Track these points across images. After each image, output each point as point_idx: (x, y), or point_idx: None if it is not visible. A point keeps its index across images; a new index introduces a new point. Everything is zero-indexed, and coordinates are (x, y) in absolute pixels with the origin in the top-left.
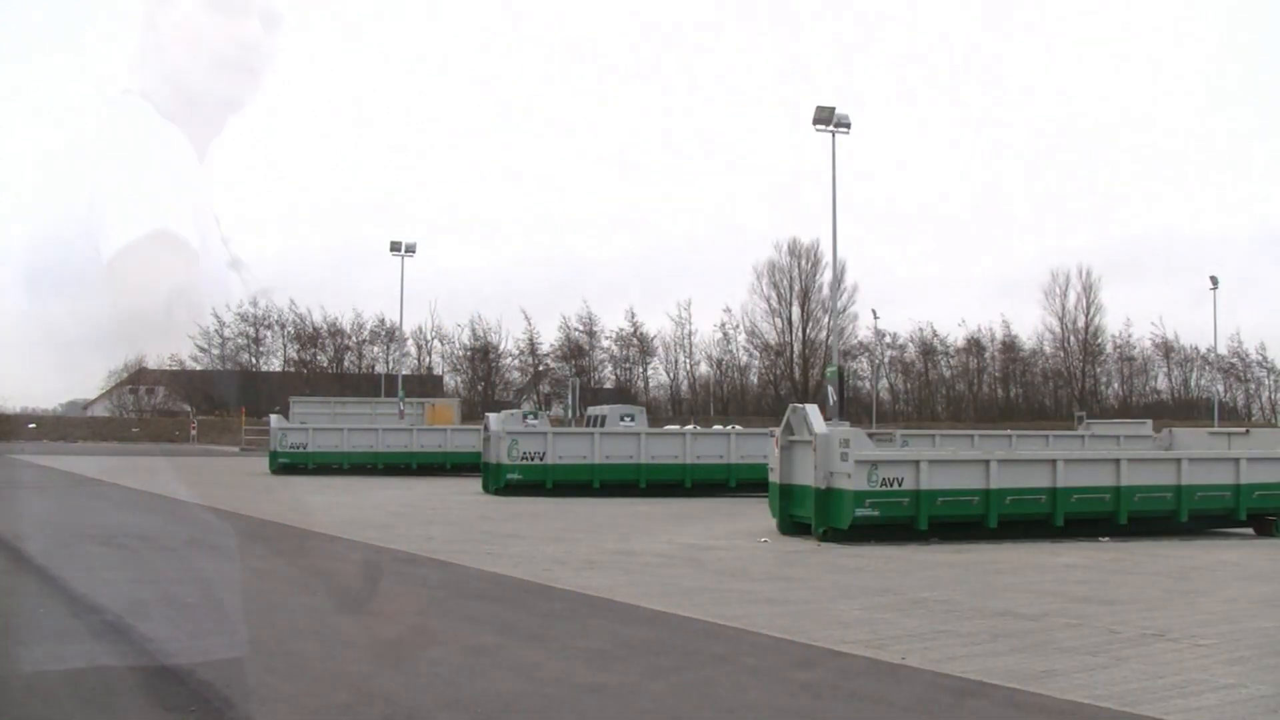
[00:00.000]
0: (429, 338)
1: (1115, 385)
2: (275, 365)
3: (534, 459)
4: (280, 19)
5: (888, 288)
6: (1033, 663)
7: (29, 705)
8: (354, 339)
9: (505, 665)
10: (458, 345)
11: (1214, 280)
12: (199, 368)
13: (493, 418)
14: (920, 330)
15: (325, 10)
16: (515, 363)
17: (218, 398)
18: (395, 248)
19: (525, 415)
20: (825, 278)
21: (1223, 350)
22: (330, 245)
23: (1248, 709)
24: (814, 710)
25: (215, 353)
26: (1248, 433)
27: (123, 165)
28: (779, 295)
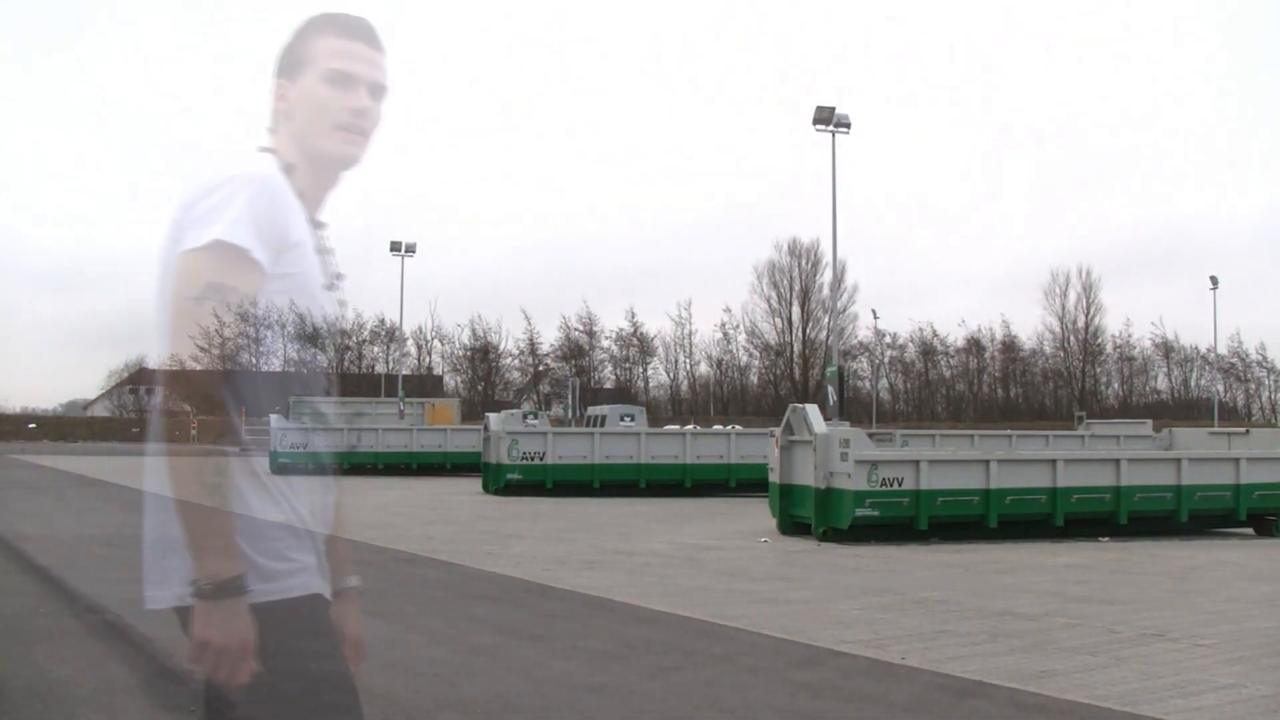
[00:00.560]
0: (429, 338)
1: (1115, 385)
2: (275, 365)
3: (534, 459)
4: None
5: (888, 288)
6: (1033, 663)
7: (29, 705)
8: (354, 339)
9: (505, 665)
10: (458, 345)
11: (1214, 280)
12: (199, 368)
13: (493, 418)
14: (920, 330)
15: (325, 10)
16: (515, 363)
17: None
18: (395, 248)
19: (525, 415)
20: (825, 278)
21: (1223, 350)
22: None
23: (1248, 709)
24: (814, 710)
25: (215, 353)
26: (1248, 433)
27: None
28: (779, 295)
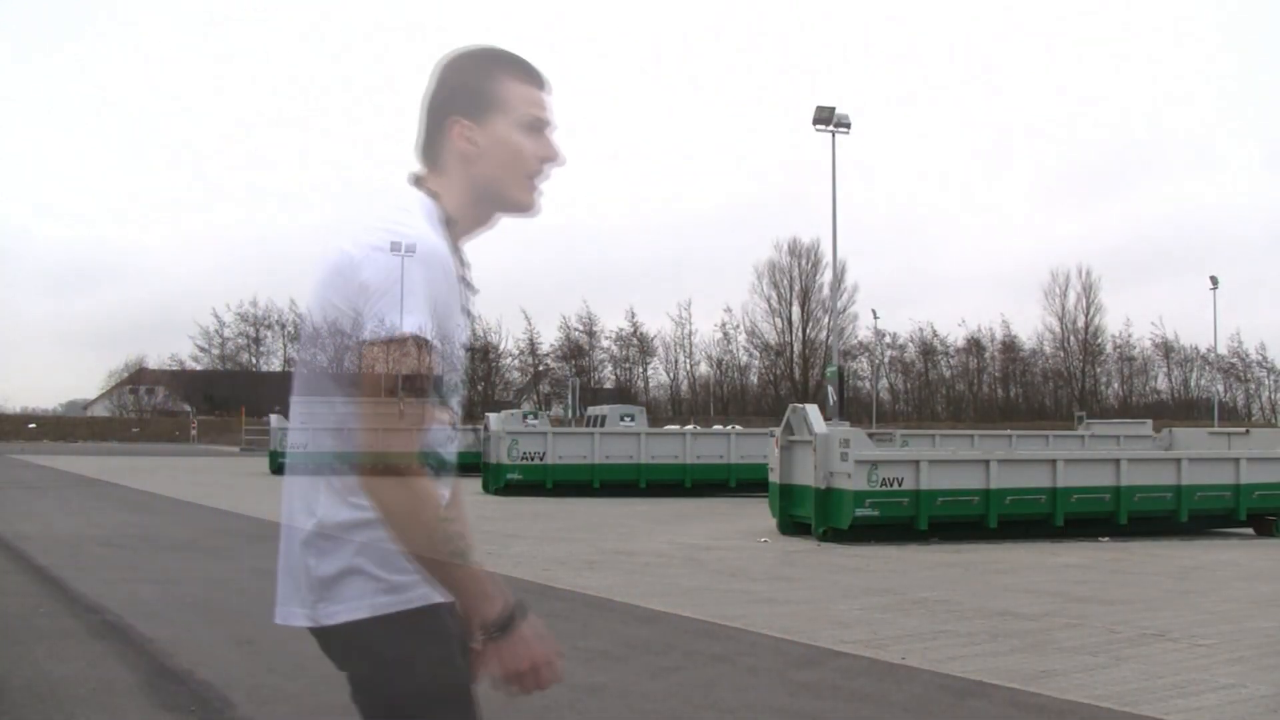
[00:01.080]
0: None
1: (1115, 385)
2: (275, 365)
3: (534, 459)
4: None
5: (888, 287)
6: (1033, 663)
7: (29, 705)
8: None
9: None
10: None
11: (1214, 280)
12: (199, 368)
13: (493, 418)
14: (920, 330)
15: (325, 11)
16: (515, 363)
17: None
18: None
19: (525, 415)
20: (825, 278)
21: (1223, 350)
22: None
23: (1248, 709)
24: (814, 710)
25: (215, 353)
26: (1248, 433)
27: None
28: (779, 295)
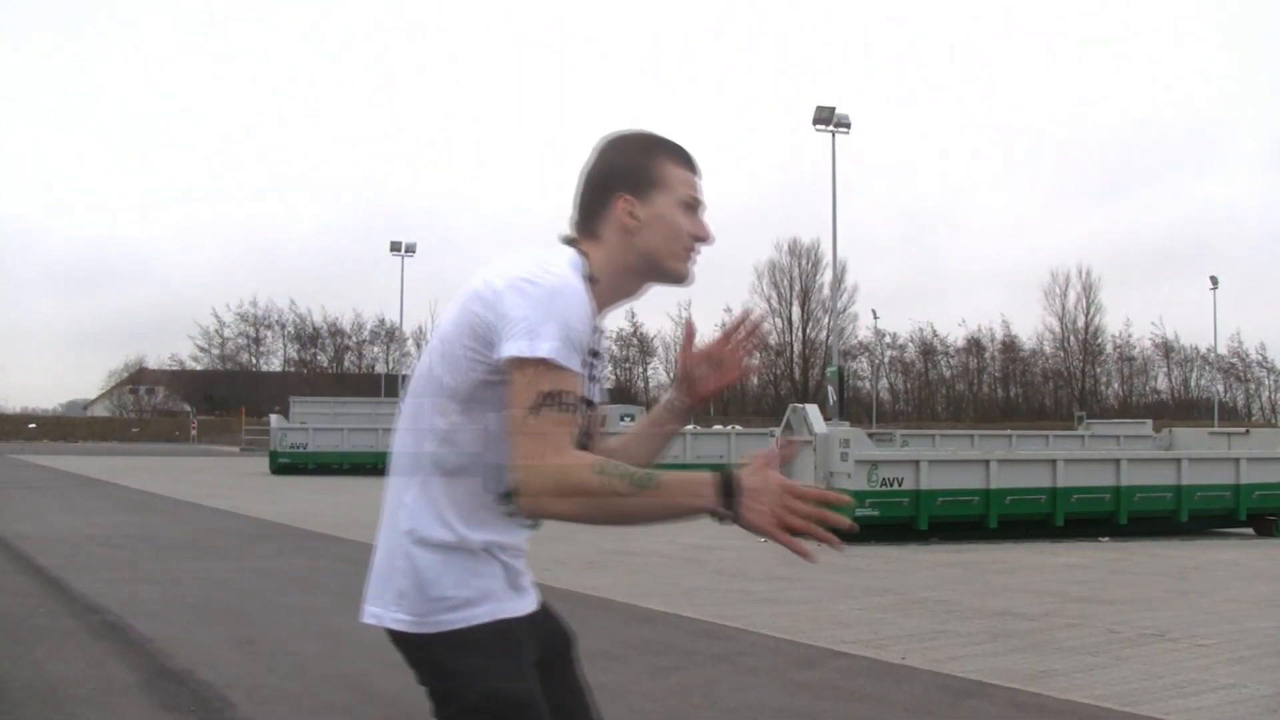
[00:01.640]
0: (429, 338)
1: (1115, 385)
2: (275, 365)
3: None
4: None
5: (888, 287)
6: (1033, 663)
7: (29, 705)
8: (354, 339)
9: None
10: None
11: (1214, 280)
12: (199, 368)
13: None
14: (920, 330)
15: (325, 11)
16: None
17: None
18: (395, 248)
19: None
20: (825, 278)
21: (1223, 350)
22: (331, 244)
23: (1248, 709)
24: (814, 710)
25: (215, 353)
26: (1248, 433)
27: None
28: (779, 295)
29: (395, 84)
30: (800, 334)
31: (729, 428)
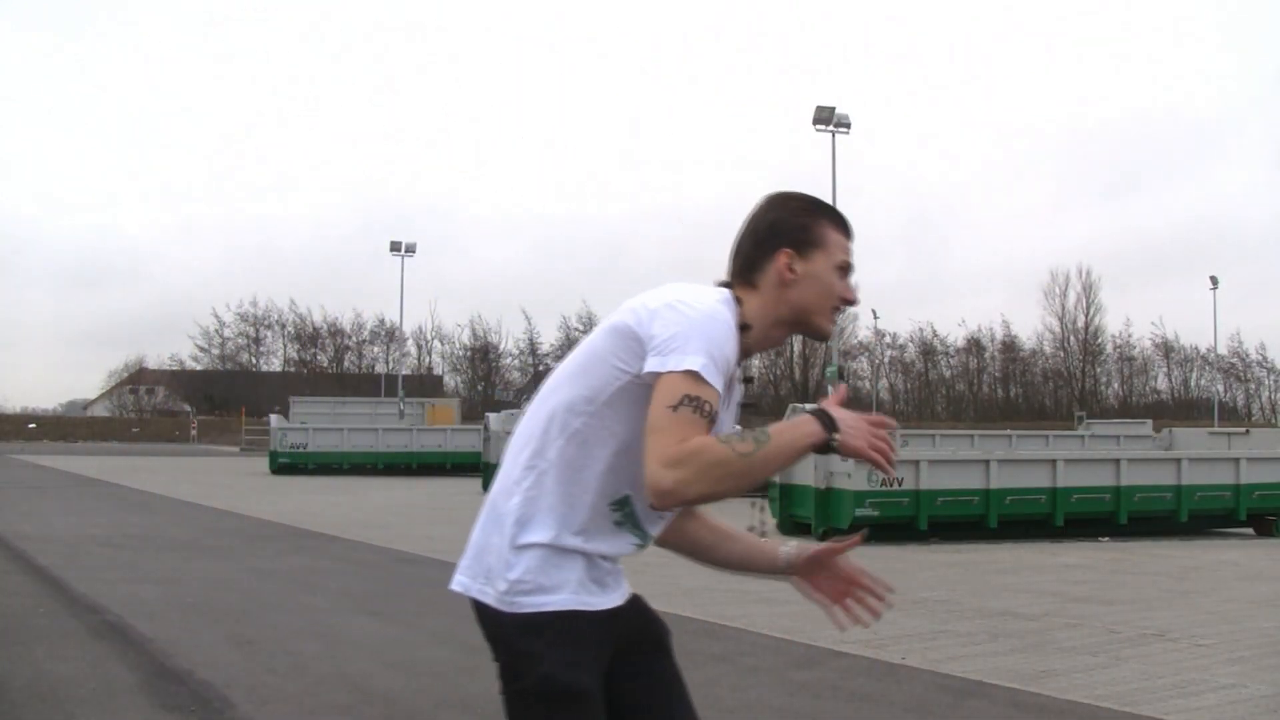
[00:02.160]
0: (429, 338)
1: (1115, 385)
2: (275, 365)
3: None
4: None
5: (888, 287)
6: (1033, 663)
7: (29, 705)
8: (354, 339)
9: None
10: (458, 345)
11: (1214, 280)
12: (199, 368)
13: (493, 418)
14: (920, 330)
15: (326, 13)
16: (515, 363)
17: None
18: (395, 248)
19: None
20: None
21: (1223, 350)
22: (331, 244)
23: (1248, 709)
24: (814, 710)
25: (215, 353)
26: (1248, 433)
27: None
28: None
29: (395, 84)
30: (801, 334)
31: None
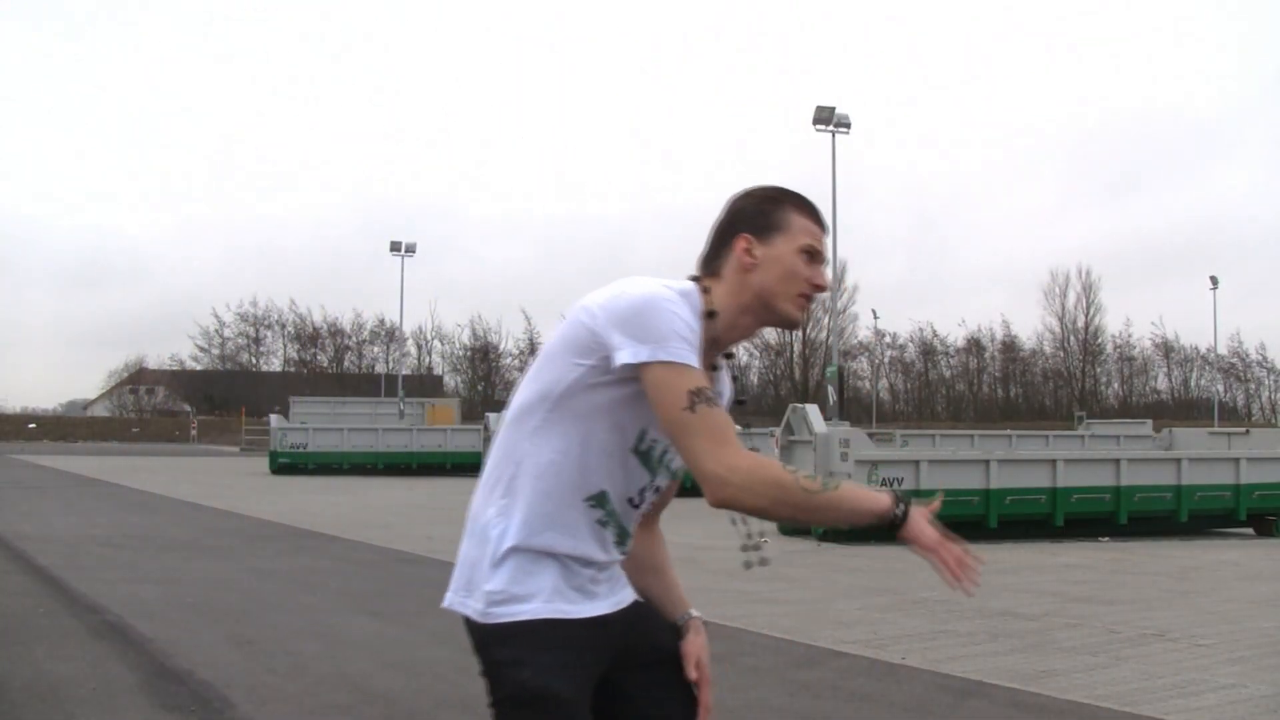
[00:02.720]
0: (429, 338)
1: (1115, 385)
2: (275, 365)
3: None
4: None
5: (888, 288)
6: (1033, 663)
7: (29, 705)
8: (354, 339)
9: None
10: (458, 345)
11: (1214, 280)
12: (199, 368)
13: (493, 418)
14: (920, 330)
15: (326, 13)
16: (515, 363)
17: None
18: (395, 248)
19: None
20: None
21: (1223, 350)
22: (331, 244)
23: (1248, 709)
24: (814, 710)
25: (215, 353)
26: (1248, 433)
27: None
28: None
29: (395, 84)
30: (800, 334)
31: None
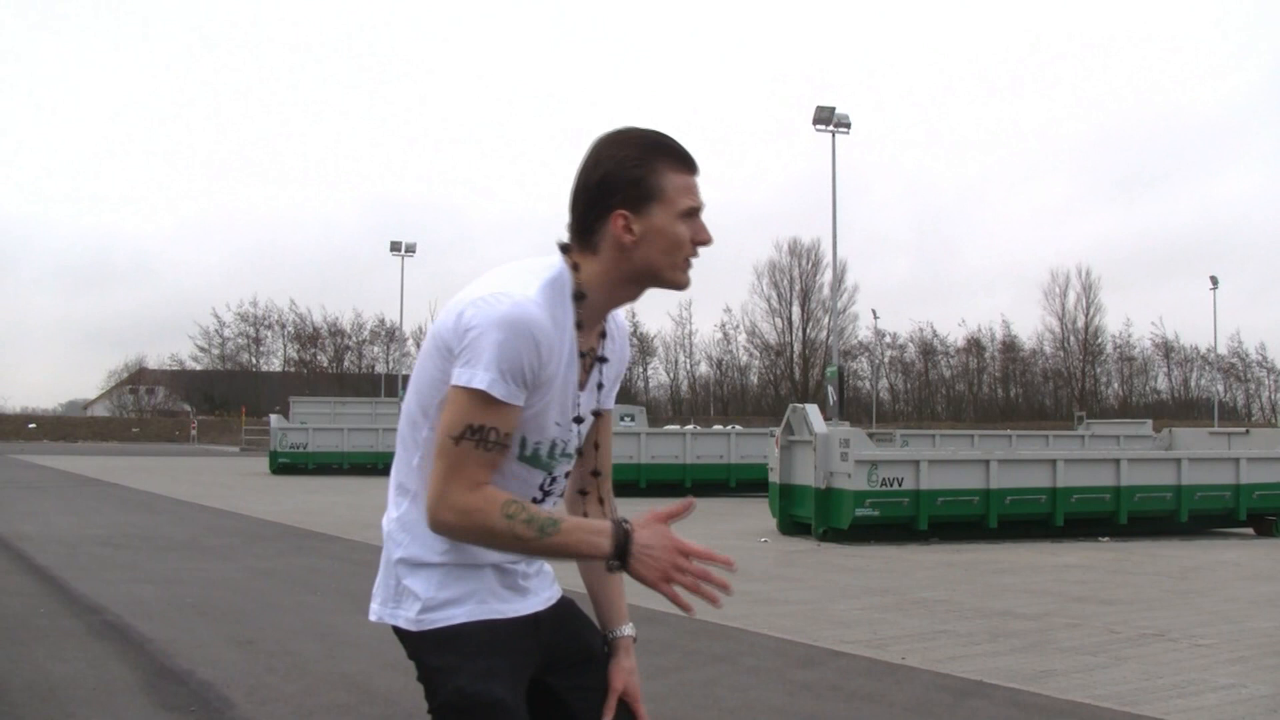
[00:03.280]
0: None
1: (1115, 385)
2: (275, 365)
3: None
4: None
5: (888, 287)
6: (1033, 663)
7: (29, 705)
8: (354, 339)
9: None
10: None
11: (1214, 280)
12: (199, 368)
13: None
14: (920, 330)
15: (327, 13)
16: None
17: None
18: (395, 248)
19: None
20: (826, 278)
21: (1223, 350)
22: (331, 244)
23: (1248, 709)
24: (814, 710)
25: (215, 353)
26: (1248, 433)
27: None
28: (779, 295)
29: (398, 84)
30: (800, 334)
31: (729, 428)
